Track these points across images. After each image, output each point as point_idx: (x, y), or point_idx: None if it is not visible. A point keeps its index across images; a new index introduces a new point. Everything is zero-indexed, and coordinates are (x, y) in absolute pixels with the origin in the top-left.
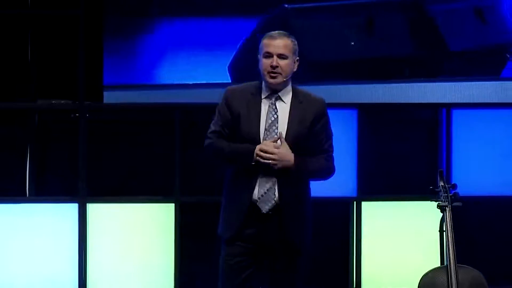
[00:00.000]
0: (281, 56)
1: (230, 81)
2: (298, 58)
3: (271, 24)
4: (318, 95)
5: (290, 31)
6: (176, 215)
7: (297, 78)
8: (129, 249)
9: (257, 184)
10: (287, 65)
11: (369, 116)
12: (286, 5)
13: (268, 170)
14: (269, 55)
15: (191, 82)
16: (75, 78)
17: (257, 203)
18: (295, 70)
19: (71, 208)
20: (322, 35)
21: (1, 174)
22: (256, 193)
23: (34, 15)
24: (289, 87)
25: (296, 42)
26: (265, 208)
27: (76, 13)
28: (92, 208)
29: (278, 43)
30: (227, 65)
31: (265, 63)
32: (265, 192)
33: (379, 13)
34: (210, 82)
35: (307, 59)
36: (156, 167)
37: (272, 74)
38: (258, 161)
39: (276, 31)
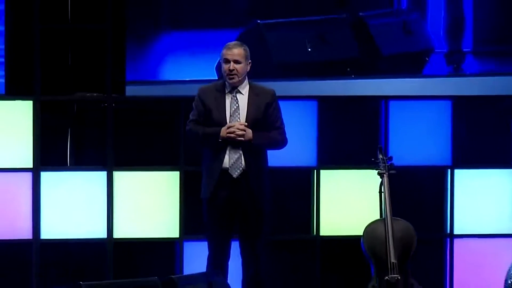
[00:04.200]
0: (236, 62)
1: (217, 78)
2: (250, 61)
3: (248, 35)
4: (269, 87)
5: (262, 41)
6: (181, 180)
7: (269, 75)
8: (145, 205)
9: (227, 155)
10: (241, 67)
11: (327, 106)
12: (259, 21)
13: (234, 144)
14: (227, 61)
15: (190, 79)
16: (104, 76)
17: (229, 170)
18: (248, 70)
19: (101, 175)
20: (287, 43)
21: (49, 149)
22: (226, 162)
23: (73, 28)
24: (246, 82)
25: (248, 50)
26: (235, 173)
27: (104, 27)
28: (117, 175)
29: (234, 52)
30: (215, 65)
31: (224, 67)
32: (234, 161)
33: (330, 26)
34: (204, 78)
35: (276, 61)
36: (166, 144)
37: (230, 76)
38: (224, 139)
39: (232, 42)
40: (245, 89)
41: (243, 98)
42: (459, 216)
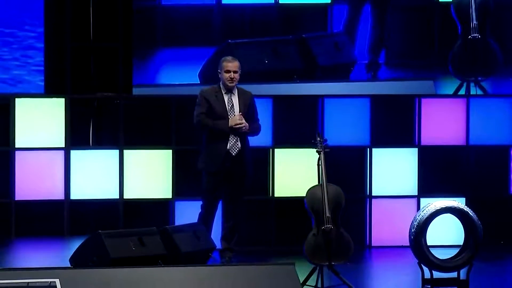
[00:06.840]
0: (235, 72)
1: (199, 82)
2: (240, 71)
3: (222, 51)
4: (247, 89)
5: (233, 55)
6: (173, 157)
7: (239, 80)
8: (147, 174)
9: (229, 140)
10: (238, 75)
11: (279, 102)
12: (230, 41)
13: (234, 132)
14: (228, 71)
15: (179, 83)
16: (117, 80)
17: (230, 150)
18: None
19: (115, 152)
20: (250, 57)
21: (76, 134)
22: (228, 144)
23: (94, 46)
24: (235, 86)
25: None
26: (234, 152)
27: (117, 45)
28: (126, 152)
29: (234, 64)
30: (198, 73)
31: (226, 75)
32: (233, 144)
33: (281, 44)
34: (190, 83)
35: (244, 70)
36: (161, 130)
37: (231, 82)
38: (232, 128)
39: (230, 57)
40: (235, 91)
41: (235, 98)
42: (375, 182)
